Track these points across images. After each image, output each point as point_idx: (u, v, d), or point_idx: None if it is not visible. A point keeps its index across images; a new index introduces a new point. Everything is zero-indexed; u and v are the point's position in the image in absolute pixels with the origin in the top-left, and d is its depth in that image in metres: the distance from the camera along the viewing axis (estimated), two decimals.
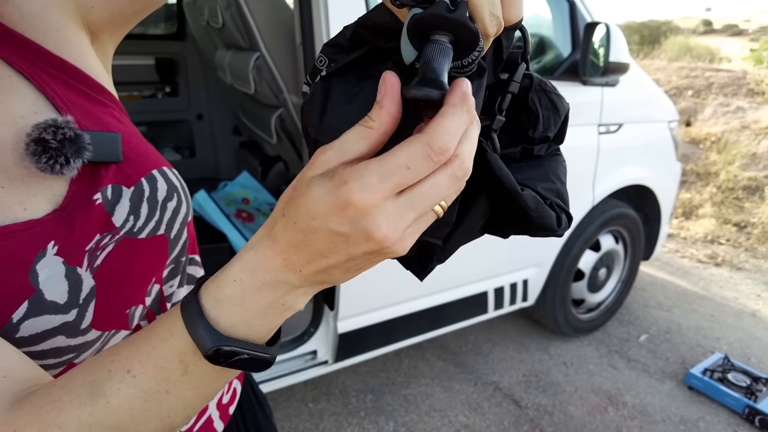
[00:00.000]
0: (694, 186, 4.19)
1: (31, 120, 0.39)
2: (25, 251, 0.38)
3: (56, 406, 0.32)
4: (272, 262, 0.30)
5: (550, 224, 0.39)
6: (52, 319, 0.39)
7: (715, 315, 2.63)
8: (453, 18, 0.26)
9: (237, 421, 0.63)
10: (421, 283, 1.65)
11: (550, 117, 0.42)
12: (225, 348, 0.31)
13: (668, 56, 10.39)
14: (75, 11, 0.44)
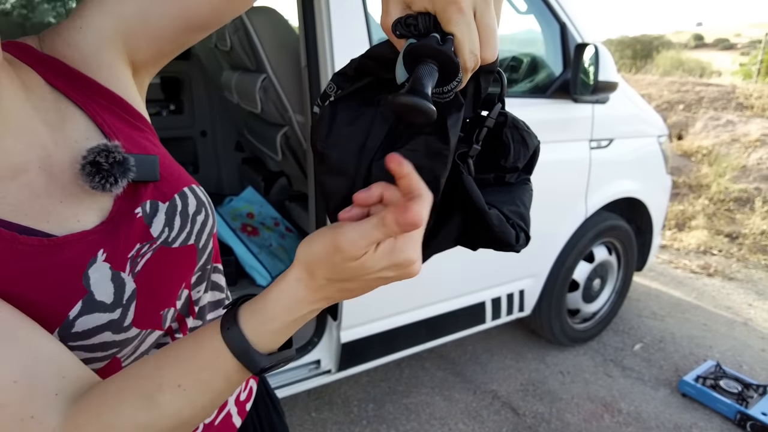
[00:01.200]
0: (686, 198, 4.28)
1: (84, 144, 0.46)
2: (79, 258, 0.44)
3: (114, 411, 0.39)
4: (310, 300, 0.38)
5: (509, 240, 0.45)
6: (100, 316, 0.45)
7: (707, 324, 2.69)
8: (441, 50, 0.33)
9: (253, 418, 0.69)
10: (421, 293, 1.70)
11: (520, 150, 0.48)
12: (272, 365, 0.39)
13: (660, 71, 10.59)
14: (123, 51, 0.51)
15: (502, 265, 1.97)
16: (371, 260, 0.35)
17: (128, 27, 0.50)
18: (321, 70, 1.41)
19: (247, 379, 0.42)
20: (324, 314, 1.66)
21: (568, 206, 2.05)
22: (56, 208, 0.44)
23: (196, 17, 0.53)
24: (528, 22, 1.98)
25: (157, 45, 0.53)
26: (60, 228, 0.44)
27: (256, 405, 0.70)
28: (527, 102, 1.86)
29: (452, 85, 0.35)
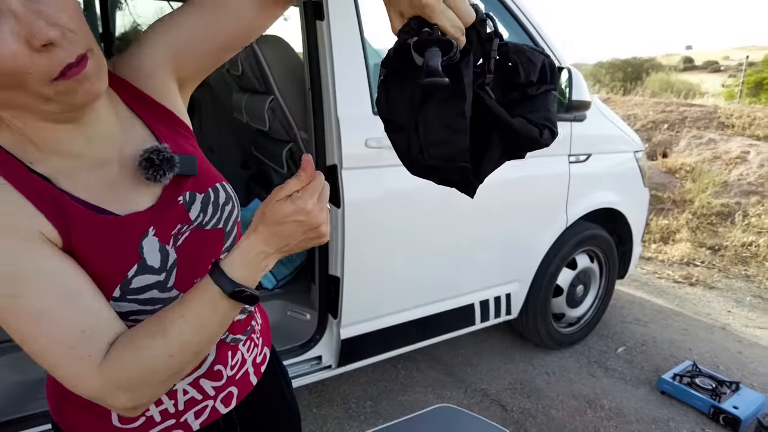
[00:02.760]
0: (671, 213, 4.46)
1: (142, 145, 0.62)
2: (137, 232, 0.60)
3: (139, 339, 0.54)
4: (259, 245, 0.56)
5: (534, 136, 0.56)
6: (150, 278, 0.60)
7: (688, 329, 2.84)
8: (432, 37, 0.47)
9: (266, 380, 0.83)
10: (414, 294, 1.86)
11: (529, 66, 0.57)
12: (236, 289, 0.55)
13: (650, 92, 10.90)
14: (172, 70, 0.67)
15: (490, 269, 2.13)
16: (284, 204, 0.54)
17: (175, 51, 0.66)
18: (323, 91, 1.59)
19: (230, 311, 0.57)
20: (325, 314, 1.81)
21: (549, 216, 2.22)
22: (122, 193, 0.60)
23: (226, 41, 0.68)
24: None
25: (197, 63, 0.69)
26: (123, 209, 0.59)
27: (269, 370, 0.84)
28: None
29: (453, 51, 0.49)
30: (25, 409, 1.41)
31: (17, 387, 1.52)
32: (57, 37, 0.46)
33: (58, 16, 0.47)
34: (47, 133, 0.54)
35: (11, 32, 0.44)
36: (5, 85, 0.47)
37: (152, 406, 0.66)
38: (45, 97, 0.49)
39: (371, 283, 1.79)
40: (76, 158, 0.57)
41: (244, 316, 0.75)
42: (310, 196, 0.55)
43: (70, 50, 0.48)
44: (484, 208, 2.00)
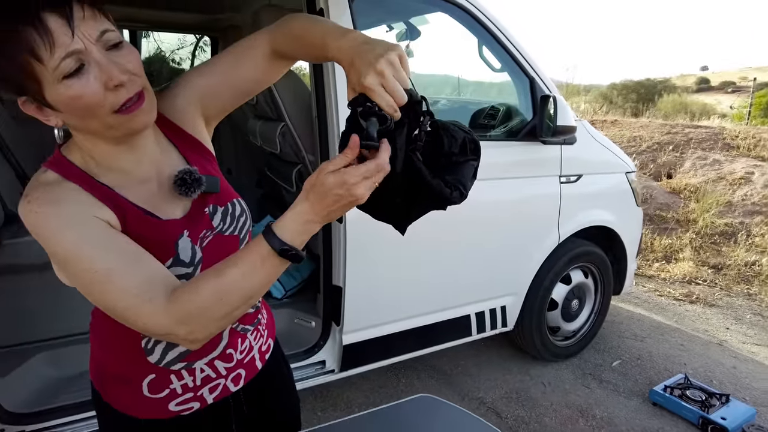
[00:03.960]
0: (674, 232, 4.53)
1: (176, 167, 0.79)
2: (175, 233, 0.76)
3: (195, 285, 0.66)
4: (307, 212, 0.64)
5: (445, 194, 0.70)
6: (181, 269, 0.76)
7: (684, 345, 2.92)
8: (372, 111, 0.62)
9: (270, 367, 0.98)
10: (411, 304, 2.00)
11: (451, 140, 0.73)
12: (284, 247, 0.64)
13: (662, 113, 10.97)
14: (200, 109, 0.85)
15: (485, 282, 2.27)
16: (329, 177, 0.61)
17: (202, 95, 0.84)
18: (328, 119, 1.78)
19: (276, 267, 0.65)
20: (329, 321, 1.96)
21: (542, 233, 2.35)
22: (161, 204, 0.77)
23: (246, 88, 0.87)
24: (504, 79, 2.36)
25: (220, 105, 0.87)
26: (165, 215, 0.76)
27: (274, 360, 0.98)
28: (502, 144, 2.21)
29: (388, 123, 0.64)
30: (59, 401, 1.59)
31: (53, 380, 1.71)
32: (125, 80, 0.64)
33: (126, 65, 0.65)
34: (107, 152, 0.71)
35: (95, 77, 0.62)
36: (84, 115, 0.65)
37: (175, 380, 0.81)
38: (109, 125, 0.66)
39: (371, 293, 1.94)
40: (125, 174, 0.73)
41: (252, 310, 0.90)
42: (354, 173, 0.61)
43: (131, 89, 0.65)
44: (480, 224, 2.15)
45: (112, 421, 0.84)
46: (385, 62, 0.60)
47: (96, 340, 0.84)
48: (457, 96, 3.61)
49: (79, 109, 0.63)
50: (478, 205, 2.13)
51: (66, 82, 0.61)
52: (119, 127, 0.67)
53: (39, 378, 1.72)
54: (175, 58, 4.38)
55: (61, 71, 0.60)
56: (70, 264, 0.65)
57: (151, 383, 0.80)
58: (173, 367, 0.80)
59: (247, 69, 0.83)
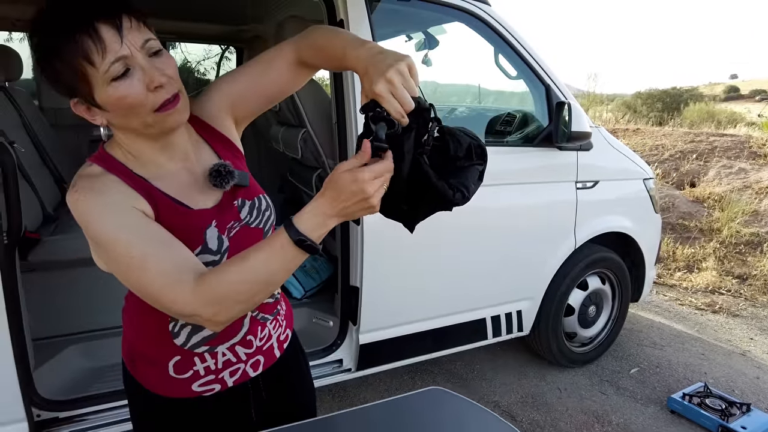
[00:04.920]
0: (697, 241, 4.46)
1: (209, 162, 0.86)
2: (204, 223, 0.82)
3: (224, 267, 0.71)
4: (324, 206, 0.68)
5: (448, 195, 0.74)
6: (208, 257, 0.82)
7: (705, 354, 2.88)
8: (381, 116, 0.68)
9: (289, 357, 1.03)
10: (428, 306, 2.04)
11: (456, 145, 0.78)
12: (300, 238, 0.67)
13: (688, 122, 10.78)
14: (230, 112, 0.92)
15: (501, 286, 2.30)
16: (344, 174, 0.66)
17: (233, 100, 0.91)
18: (347, 125, 1.85)
19: (295, 257, 0.69)
20: (346, 321, 2.02)
21: (558, 238, 2.37)
22: (194, 195, 0.83)
23: (272, 95, 0.94)
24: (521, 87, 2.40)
25: (248, 109, 0.94)
26: (195, 205, 0.82)
27: (292, 351, 1.04)
28: (518, 150, 2.25)
29: (396, 127, 0.69)
30: (90, 390, 1.68)
31: (85, 371, 1.80)
32: (164, 82, 0.72)
33: (165, 70, 0.73)
34: (144, 148, 0.79)
35: (138, 80, 0.70)
36: (127, 114, 0.73)
37: (198, 362, 0.87)
38: (148, 123, 0.74)
39: (388, 294, 1.99)
40: (160, 167, 0.80)
41: (272, 300, 0.96)
42: (366, 172, 0.65)
43: (169, 91, 0.73)
44: (496, 229, 2.18)
45: (141, 398, 0.91)
46: (395, 72, 0.66)
47: (128, 323, 0.92)
48: (477, 104, 3.66)
49: (124, 108, 0.72)
50: (495, 210, 2.17)
51: (114, 84, 0.69)
52: (156, 124, 0.75)
53: (72, 368, 1.81)
54: (200, 69, 4.54)
55: (110, 74, 0.69)
56: (109, 248, 0.71)
57: (177, 364, 0.86)
58: (197, 350, 0.86)
59: (273, 77, 0.90)
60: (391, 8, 2.01)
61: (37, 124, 2.50)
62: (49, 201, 2.25)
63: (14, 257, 1.45)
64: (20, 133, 2.23)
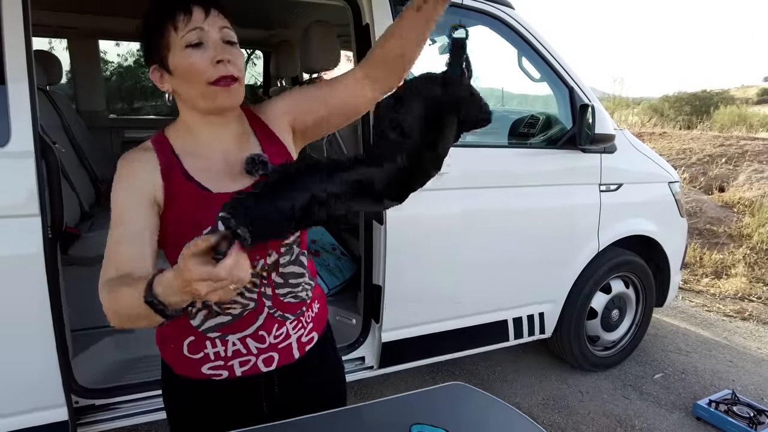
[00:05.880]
0: (726, 247, 4.36)
1: (253, 151, 0.91)
2: (218, 206, 0.80)
3: (109, 284, 0.73)
4: (171, 280, 0.62)
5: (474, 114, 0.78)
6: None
7: (733, 362, 2.82)
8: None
9: (312, 360, 1.01)
10: (450, 306, 2.07)
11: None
12: (149, 300, 0.64)
13: (718, 126, 10.52)
14: (288, 122, 0.98)
15: (523, 288, 2.30)
16: (180, 262, 0.59)
17: (297, 108, 0.97)
18: (370, 127, 1.89)
19: (147, 310, 0.65)
20: (369, 318, 2.05)
21: (581, 240, 2.37)
22: (220, 178, 0.86)
23: (337, 107, 0.97)
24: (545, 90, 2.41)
25: (311, 120, 0.99)
26: (217, 189, 0.85)
27: (319, 355, 1.04)
28: (541, 152, 2.26)
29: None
30: (124, 380, 1.75)
31: (118, 362, 1.88)
32: (227, 58, 0.82)
33: (232, 56, 0.83)
34: (194, 120, 0.88)
35: (206, 52, 0.81)
36: (188, 80, 0.82)
37: (209, 346, 0.90)
38: (202, 94, 0.83)
39: (410, 293, 2.02)
40: (200, 144, 0.88)
41: (295, 301, 0.97)
42: (195, 269, 0.58)
43: (228, 71, 0.82)
44: (519, 230, 2.19)
45: (165, 372, 0.98)
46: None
47: None
48: (500, 107, 3.67)
49: (187, 74, 0.82)
50: (518, 211, 2.18)
51: (187, 50, 0.81)
52: (208, 97, 0.84)
53: (106, 359, 1.89)
54: None
55: (185, 40, 0.81)
56: (112, 212, 0.82)
57: (190, 344, 0.91)
58: (209, 334, 0.90)
59: (340, 89, 0.96)
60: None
61: (75, 127, 2.61)
62: (86, 199, 2.35)
63: (56, 251, 1.53)
64: (60, 135, 2.34)
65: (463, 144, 2.62)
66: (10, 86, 1.32)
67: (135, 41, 4.31)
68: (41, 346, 1.44)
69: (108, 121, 3.52)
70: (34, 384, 1.47)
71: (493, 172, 2.12)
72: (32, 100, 1.36)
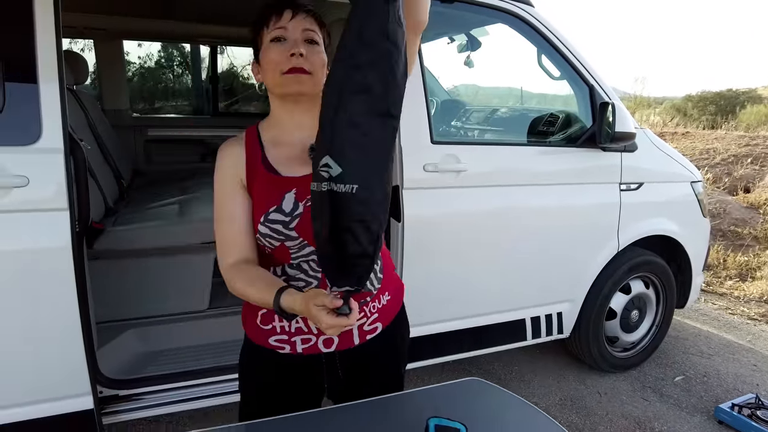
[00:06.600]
0: (751, 249, 4.27)
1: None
2: (285, 188, 0.96)
3: (241, 276, 0.93)
4: (298, 305, 0.84)
5: None
6: (280, 216, 0.94)
7: (758, 365, 2.76)
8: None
9: (373, 348, 1.06)
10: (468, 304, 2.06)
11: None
12: (280, 308, 0.86)
13: (744, 125, 10.27)
14: None
15: (541, 287, 2.29)
16: (314, 309, 0.79)
17: None
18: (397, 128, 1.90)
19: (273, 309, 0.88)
20: None
21: (600, 240, 2.34)
22: (293, 164, 0.97)
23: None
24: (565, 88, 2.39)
25: None
26: (287, 172, 0.96)
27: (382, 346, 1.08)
28: (561, 150, 2.24)
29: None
30: (144, 372, 1.80)
31: (141, 355, 1.93)
32: (301, 52, 0.92)
33: (307, 49, 0.94)
34: (277, 109, 1.00)
35: (285, 47, 0.93)
36: (269, 69, 0.94)
37: (276, 320, 1.00)
38: (277, 82, 0.94)
39: (427, 291, 2.03)
40: (283, 132, 1.00)
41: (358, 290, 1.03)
42: (326, 318, 0.78)
43: (301, 64, 0.92)
44: (537, 229, 2.18)
45: (244, 342, 1.10)
46: None
47: None
48: (520, 105, 3.65)
49: (267, 64, 0.94)
50: (536, 210, 2.17)
51: (271, 45, 0.94)
52: (281, 86, 0.95)
53: (129, 351, 1.94)
54: (244, 74, 4.72)
55: (271, 36, 0.94)
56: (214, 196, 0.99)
57: (263, 316, 1.02)
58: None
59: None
60: (434, 10, 2.02)
61: (100, 125, 2.68)
62: (110, 195, 2.41)
63: (83, 245, 1.57)
64: (86, 133, 2.40)
65: (482, 142, 2.62)
66: (41, 86, 1.37)
67: (158, 41, 4.40)
68: (69, 337, 1.49)
69: (131, 119, 3.60)
70: (62, 373, 1.52)
71: (511, 170, 2.11)
72: (62, 99, 1.40)
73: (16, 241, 1.40)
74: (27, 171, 1.37)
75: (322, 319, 0.77)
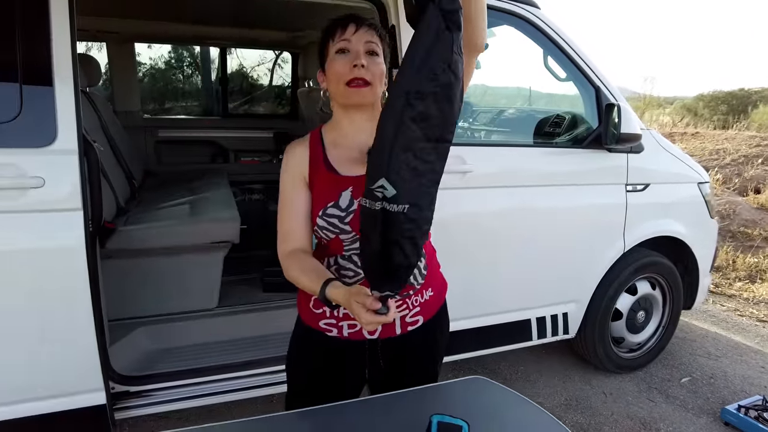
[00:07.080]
0: (761, 250, 4.24)
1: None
2: (343, 186, 1.03)
3: (296, 264, 0.98)
4: (341, 297, 0.92)
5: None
6: (336, 211, 1.02)
7: (766, 367, 2.74)
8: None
9: (414, 340, 1.14)
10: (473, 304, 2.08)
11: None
12: (324, 297, 0.94)
13: (756, 126, 10.15)
14: None
15: (547, 287, 2.30)
16: (356, 306, 0.86)
17: None
18: None
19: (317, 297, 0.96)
20: None
21: (607, 241, 2.35)
22: (352, 164, 1.03)
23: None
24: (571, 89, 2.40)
25: None
26: (345, 172, 1.04)
27: (422, 338, 1.15)
28: (567, 152, 2.25)
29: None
30: (157, 369, 1.83)
31: (151, 352, 1.97)
32: (363, 63, 0.98)
33: (369, 60, 0.99)
34: (339, 115, 1.07)
35: (347, 58, 0.99)
36: (333, 80, 1.01)
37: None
38: (340, 92, 1.01)
39: None
40: (343, 136, 1.07)
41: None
42: (365, 317, 0.85)
43: (363, 75, 0.98)
44: (543, 230, 2.19)
45: (296, 324, 1.18)
46: None
47: None
48: (526, 106, 3.65)
49: (331, 74, 1.01)
50: (542, 211, 2.18)
51: (335, 56, 1.00)
52: (343, 96, 1.02)
53: (140, 349, 1.98)
54: (253, 75, 4.77)
55: (336, 47, 1.00)
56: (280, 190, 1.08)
57: (315, 301, 1.08)
58: None
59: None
60: None
61: (112, 127, 2.73)
62: (122, 195, 2.45)
63: (96, 244, 1.61)
64: (99, 134, 2.45)
65: (488, 143, 2.63)
66: (57, 88, 1.41)
67: (168, 43, 4.46)
68: (83, 334, 1.53)
69: (143, 120, 3.65)
70: (76, 369, 1.56)
71: (518, 171, 2.13)
72: (76, 102, 1.44)
73: (32, 241, 1.44)
74: (43, 172, 1.41)
75: (361, 315, 0.84)
